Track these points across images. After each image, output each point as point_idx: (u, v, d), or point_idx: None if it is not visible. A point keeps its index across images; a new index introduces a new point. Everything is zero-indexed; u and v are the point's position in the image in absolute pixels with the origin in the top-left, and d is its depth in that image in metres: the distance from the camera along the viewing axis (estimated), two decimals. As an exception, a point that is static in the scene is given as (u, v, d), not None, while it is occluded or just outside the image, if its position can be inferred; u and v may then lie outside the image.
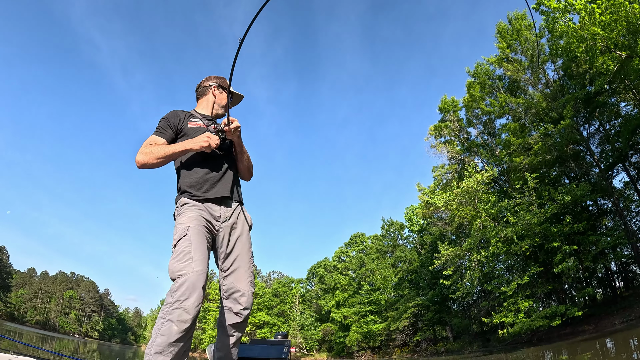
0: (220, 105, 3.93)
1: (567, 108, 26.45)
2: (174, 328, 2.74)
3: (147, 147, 3.29)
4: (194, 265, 2.92)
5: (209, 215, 3.33)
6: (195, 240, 3.07)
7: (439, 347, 43.15)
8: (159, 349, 2.71)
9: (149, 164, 3.21)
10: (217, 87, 3.97)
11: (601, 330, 23.02)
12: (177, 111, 3.70)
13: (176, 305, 2.77)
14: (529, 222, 24.65)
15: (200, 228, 3.17)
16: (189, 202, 3.32)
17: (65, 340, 75.78)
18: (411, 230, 58.54)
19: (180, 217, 3.25)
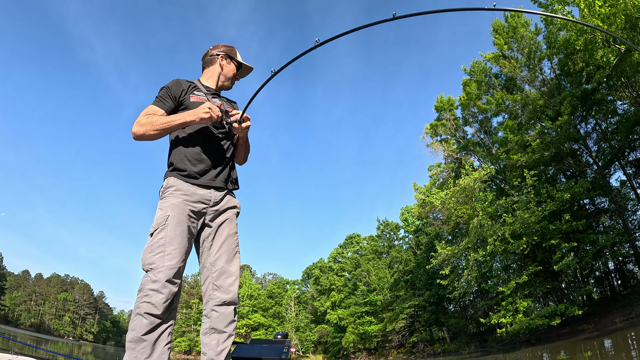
0: (227, 77, 3.69)
1: (565, 105, 26.18)
2: (143, 321, 2.67)
3: (144, 117, 3.10)
4: (166, 259, 2.82)
5: (197, 198, 3.14)
6: (172, 231, 2.93)
7: (435, 348, 42.87)
8: (132, 345, 2.65)
9: (146, 135, 3.05)
10: (224, 57, 3.70)
11: (602, 329, 22.67)
12: (180, 80, 3.46)
13: (145, 299, 2.70)
14: (527, 221, 24.32)
15: (181, 217, 3.01)
16: (176, 185, 3.12)
17: (60, 342, 75.43)
18: (407, 231, 58.36)
19: (162, 201, 3.08)
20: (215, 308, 3.08)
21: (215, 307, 3.08)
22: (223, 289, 3.12)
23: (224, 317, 3.08)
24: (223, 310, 3.09)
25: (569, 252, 24.87)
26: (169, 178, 3.15)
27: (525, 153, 28.35)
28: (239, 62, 3.67)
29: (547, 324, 24.16)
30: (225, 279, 3.13)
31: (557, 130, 26.67)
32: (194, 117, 3.06)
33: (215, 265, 3.15)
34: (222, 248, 3.20)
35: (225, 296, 3.10)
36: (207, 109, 3.07)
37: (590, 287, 26.87)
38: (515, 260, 28.06)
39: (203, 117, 3.06)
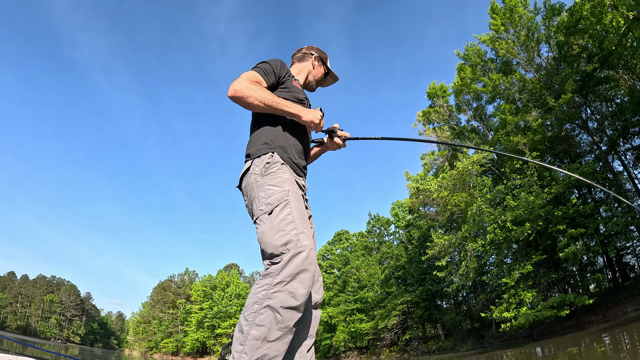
0: (315, 78, 3.59)
1: (569, 82, 24.88)
2: (277, 317, 2.22)
3: (251, 82, 2.79)
4: (302, 237, 2.39)
5: (300, 184, 2.87)
6: (297, 207, 2.56)
7: (429, 345, 41.58)
8: (256, 344, 2.20)
9: (247, 101, 2.71)
10: (317, 59, 3.61)
11: (611, 320, 21.20)
12: (284, 63, 3.20)
13: (279, 287, 2.25)
14: (532, 204, 22.68)
15: (298, 194, 2.69)
16: (282, 161, 2.78)
17: (47, 345, 74.41)
18: (397, 226, 57.16)
19: (271, 176, 2.66)
20: (311, 310, 2.78)
21: (310, 309, 2.78)
22: (316, 290, 2.85)
23: (316, 320, 2.83)
24: (317, 314, 2.84)
25: (576, 238, 23.24)
26: (275, 155, 2.79)
27: (525, 135, 26.90)
28: (328, 68, 3.62)
29: (555, 316, 22.49)
30: (319, 278, 2.90)
31: (560, 109, 25.27)
32: (305, 116, 2.88)
33: None
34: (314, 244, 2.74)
35: (318, 297, 2.85)
36: (321, 116, 2.97)
37: (600, 275, 25.16)
38: (518, 249, 26.37)
39: (314, 121, 2.92)
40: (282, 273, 2.28)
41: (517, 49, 30.92)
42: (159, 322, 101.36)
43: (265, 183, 2.63)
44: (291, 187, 2.62)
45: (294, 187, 2.67)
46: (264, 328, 2.21)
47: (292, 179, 2.71)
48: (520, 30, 30.69)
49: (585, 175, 23.44)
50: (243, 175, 2.83)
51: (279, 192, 2.56)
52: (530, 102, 28.86)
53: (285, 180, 2.64)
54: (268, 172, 2.68)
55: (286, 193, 2.56)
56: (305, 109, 2.89)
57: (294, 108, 2.82)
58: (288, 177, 2.68)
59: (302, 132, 3.08)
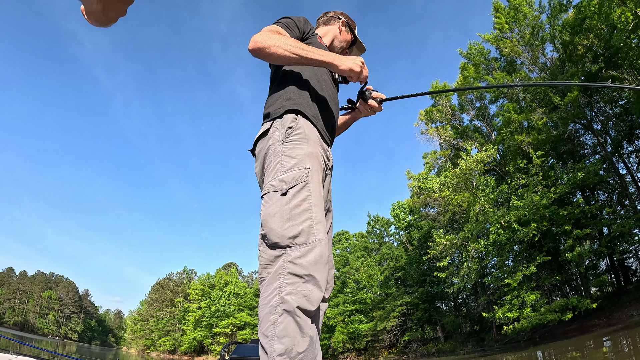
0: (340, 43, 3.14)
1: (575, 79, 24.57)
2: (297, 321, 1.86)
3: (273, 32, 2.36)
4: (317, 230, 2.04)
5: (326, 156, 2.44)
6: (317, 191, 2.15)
7: (429, 347, 41.19)
8: None
9: (270, 51, 2.26)
10: (345, 24, 3.18)
11: (615, 324, 20.72)
12: (308, 20, 2.80)
13: (291, 288, 1.91)
14: (537, 204, 22.24)
15: (320, 175, 2.25)
16: (307, 128, 2.30)
17: (44, 342, 74.48)
18: (398, 227, 56.68)
19: (292, 145, 2.22)
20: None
21: None
22: (327, 283, 2.21)
23: (322, 313, 2.30)
24: (324, 306, 2.34)
25: (582, 240, 22.82)
26: (300, 118, 2.31)
27: (530, 135, 26.51)
28: (355, 36, 3.21)
29: (559, 319, 22.05)
30: (331, 271, 2.30)
31: (565, 108, 24.90)
32: (343, 64, 2.37)
33: None
34: (329, 230, 2.48)
35: (327, 294, 2.31)
36: (362, 63, 2.45)
37: (605, 277, 24.68)
38: (521, 250, 25.94)
39: (354, 69, 2.40)
40: (294, 272, 1.94)
41: (522, 48, 30.57)
42: (157, 320, 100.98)
43: (285, 153, 2.21)
44: (313, 165, 2.20)
45: (317, 163, 2.25)
46: (289, 339, 1.83)
47: (316, 152, 2.28)
48: (524, 29, 30.37)
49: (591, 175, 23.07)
50: (259, 138, 2.40)
51: (299, 169, 2.15)
52: (535, 102, 28.56)
53: (309, 155, 2.21)
54: (289, 138, 2.25)
55: (306, 172, 2.15)
56: (342, 56, 2.44)
57: (327, 56, 2.37)
58: (312, 151, 2.25)
59: (332, 97, 2.68)
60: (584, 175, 22.37)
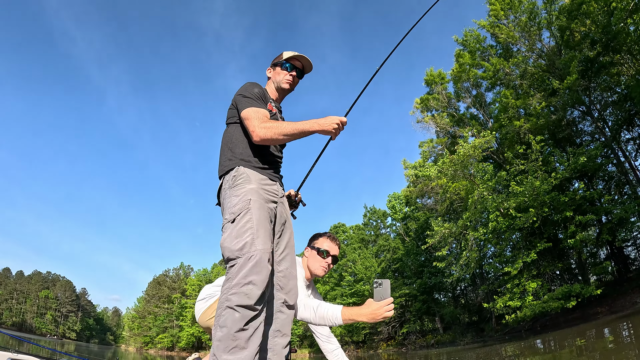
0: (278, 82, 3.44)
1: (574, 63, 23.93)
2: (235, 315, 2.41)
3: (265, 120, 2.96)
4: (258, 242, 2.60)
5: (269, 189, 2.99)
6: (258, 214, 2.73)
7: (428, 339, 41.11)
8: (222, 344, 2.37)
9: (273, 139, 2.89)
10: (270, 68, 3.57)
11: (618, 311, 20.30)
12: (262, 87, 3.37)
13: (235, 289, 2.47)
14: (537, 190, 21.73)
15: (262, 201, 2.84)
16: (248, 173, 2.93)
17: (42, 341, 73.69)
18: (394, 219, 56.84)
19: (236, 188, 2.85)
20: (282, 309, 2.96)
21: (281, 308, 2.96)
22: (288, 291, 3.00)
23: (289, 320, 2.99)
24: (289, 312, 3.00)
25: (584, 226, 22.35)
26: (238, 167, 2.95)
27: (529, 120, 26.04)
28: (282, 60, 3.43)
29: (561, 307, 21.57)
30: (290, 281, 3.03)
31: (564, 92, 24.41)
32: (323, 127, 2.93)
33: (280, 264, 3.01)
34: (287, 248, 3.10)
35: (290, 300, 3.00)
36: (338, 121, 2.99)
37: (608, 263, 24.20)
38: (521, 237, 25.46)
39: (333, 128, 2.96)
40: (237, 276, 2.46)
41: (518, 35, 30.08)
42: (154, 317, 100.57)
43: (232, 194, 2.80)
44: (254, 196, 2.77)
45: (258, 196, 2.80)
46: (226, 328, 2.36)
47: (256, 188, 2.84)
48: (520, 15, 29.89)
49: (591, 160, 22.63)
50: (219, 192, 3.01)
51: (242, 202, 2.72)
52: (532, 88, 28.08)
53: (249, 191, 2.79)
54: (235, 183, 2.84)
55: (248, 202, 2.73)
56: (321, 121, 2.94)
57: (312, 126, 2.91)
58: (252, 187, 2.82)
59: None
60: (586, 160, 21.88)
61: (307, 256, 3.95)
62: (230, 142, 3.09)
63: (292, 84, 3.44)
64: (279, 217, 3.01)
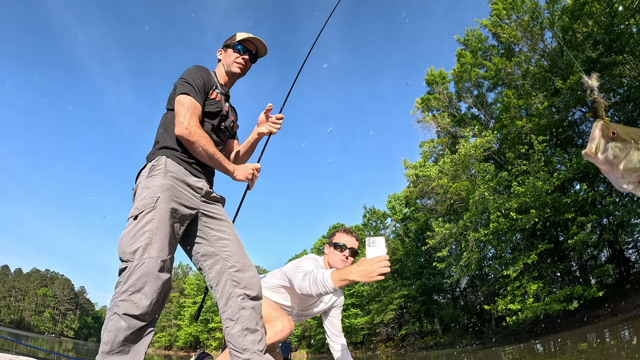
0: (228, 64, 3.23)
1: (578, 62, 24.11)
2: (121, 324, 2.26)
3: (197, 120, 2.77)
4: (153, 248, 2.40)
5: (190, 183, 2.80)
6: (162, 215, 2.51)
7: (427, 340, 40.83)
8: (106, 348, 2.26)
9: (193, 144, 2.72)
10: (222, 49, 3.36)
11: (620, 314, 20.06)
12: (210, 73, 3.14)
13: (124, 296, 2.30)
14: (539, 190, 21.51)
15: (172, 201, 2.61)
16: (167, 164, 2.71)
17: (40, 339, 74.13)
18: (394, 220, 56.22)
19: (149, 179, 2.65)
20: (244, 305, 2.76)
21: (243, 304, 2.76)
22: (246, 284, 2.80)
23: (256, 313, 2.78)
24: (253, 305, 2.79)
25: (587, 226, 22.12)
26: (160, 157, 2.75)
27: (531, 120, 25.87)
28: (234, 42, 3.23)
29: (563, 309, 21.36)
30: (245, 273, 2.83)
31: (567, 92, 24.24)
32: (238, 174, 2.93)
33: (229, 259, 2.83)
34: (229, 239, 2.89)
35: (251, 292, 2.80)
36: (252, 172, 2.98)
37: (610, 266, 23.93)
38: (522, 238, 25.28)
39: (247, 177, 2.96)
40: (127, 282, 2.30)
41: (520, 35, 29.96)
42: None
43: (145, 185, 2.62)
44: (164, 195, 2.56)
45: (169, 195, 2.59)
46: (112, 334, 2.24)
47: (171, 184, 2.64)
48: (522, 15, 29.76)
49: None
50: (137, 176, 2.82)
51: (149, 197, 2.53)
52: (534, 88, 27.92)
53: (162, 186, 2.59)
54: (151, 174, 2.66)
55: (154, 200, 2.52)
56: (239, 167, 2.94)
57: (227, 165, 2.86)
58: (167, 183, 2.62)
59: (211, 125, 3.07)
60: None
61: (327, 253, 3.93)
62: (162, 127, 2.95)
63: (243, 68, 3.25)
64: (203, 216, 2.85)
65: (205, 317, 76.50)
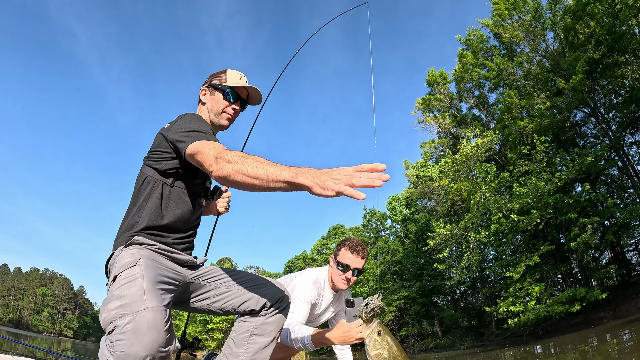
0: (215, 112, 2.66)
1: (580, 63, 23.57)
2: None
3: (224, 149, 2.04)
4: (147, 314, 1.86)
5: (171, 256, 2.43)
6: (149, 273, 2.09)
7: (427, 342, 40.57)
8: None
9: (235, 179, 1.89)
10: (207, 89, 2.73)
11: (623, 316, 19.88)
12: None
13: None
14: (541, 191, 21.29)
15: (156, 263, 2.24)
16: (142, 241, 2.31)
17: (39, 339, 73.85)
18: (394, 221, 56.13)
19: (124, 253, 2.22)
20: (250, 319, 2.57)
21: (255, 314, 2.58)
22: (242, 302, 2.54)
23: (275, 325, 2.60)
24: (273, 319, 2.57)
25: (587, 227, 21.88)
26: (135, 236, 2.30)
27: (532, 120, 25.70)
28: (224, 86, 2.64)
29: (565, 312, 21.13)
30: (239, 296, 2.57)
31: (569, 92, 24.06)
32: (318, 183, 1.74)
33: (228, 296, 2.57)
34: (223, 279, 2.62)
35: (251, 304, 2.55)
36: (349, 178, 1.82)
37: (613, 267, 23.71)
38: (524, 240, 25.06)
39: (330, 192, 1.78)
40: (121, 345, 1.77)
41: (522, 34, 29.76)
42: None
43: (117, 263, 2.17)
44: (144, 257, 2.18)
45: (151, 261, 2.21)
46: None
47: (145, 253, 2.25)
48: (524, 15, 29.57)
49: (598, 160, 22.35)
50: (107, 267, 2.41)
51: (128, 260, 2.14)
52: (536, 89, 27.74)
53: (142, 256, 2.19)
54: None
55: (136, 260, 2.13)
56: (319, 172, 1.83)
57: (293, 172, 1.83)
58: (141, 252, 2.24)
59: (185, 211, 2.54)
60: (592, 160, 21.50)
61: (332, 266, 3.75)
62: (139, 203, 2.43)
63: (232, 119, 2.72)
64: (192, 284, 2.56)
65: (204, 318, 76.24)
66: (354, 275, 3.64)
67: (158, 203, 2.42)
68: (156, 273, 2.15)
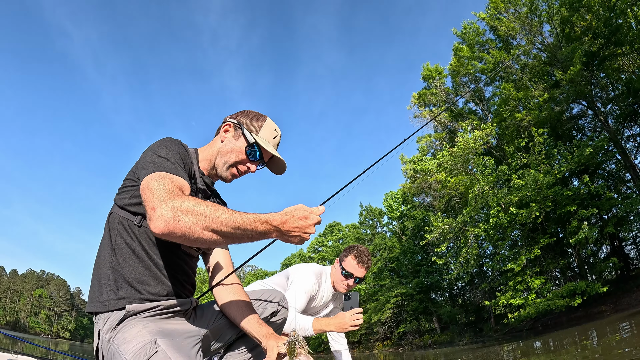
0: (224, 160, 2.13)
1: (578, 54, 23.31)
2: None
3: (179, 193, 1.64)
4: None
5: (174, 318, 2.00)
6: (171, 348, 1.70)
7: (425, 339, 40.35)
8: None
9: (186, 234, 1.51)
10: (233, 126, 2.17)
11: (624, 310, 19.72)
12: (187, 150, 2.08)
13: None
14: (540, 183, 21.03)
15: (171, 340, 1.79)
16: (135, 309, 1.83)
17: (36, 340, 73.13)
18: (391, 217, 56.17)
19: (124, 334, 1.76)
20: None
21: None
22: None
23: None
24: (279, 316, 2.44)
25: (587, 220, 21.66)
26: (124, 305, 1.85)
27: (530, 113, 25.47)
28: (252, 140, 2.11)
29: (566, 305, 20.86)
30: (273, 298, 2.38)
31: (567, 84, 23.83)
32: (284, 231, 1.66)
33: None
34: None
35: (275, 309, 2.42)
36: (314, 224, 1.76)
37: (615, 259, 23.50)
38: (523, 233, 24.84)
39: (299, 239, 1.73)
40: None
41: (518, 27, 29.53)
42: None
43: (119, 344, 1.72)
44: (157, 335, 1.73)
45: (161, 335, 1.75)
46: None
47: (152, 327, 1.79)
48: (520, 8, 29.34)
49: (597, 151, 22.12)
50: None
51: (141, 344, 1.67)
52: (533, 82, 27.52)
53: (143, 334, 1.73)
54: (116, 330, 1.77)
55: (152, 343, 1.67)
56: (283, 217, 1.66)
57: (261, 220, 1.61)
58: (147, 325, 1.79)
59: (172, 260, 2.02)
60: (591, 152, 21.27)
61: (335, 269, 3.90)
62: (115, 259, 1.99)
63: (237, 177, 2.21)
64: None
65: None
66: (355, 282, 3.84)
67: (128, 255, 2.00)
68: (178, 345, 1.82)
